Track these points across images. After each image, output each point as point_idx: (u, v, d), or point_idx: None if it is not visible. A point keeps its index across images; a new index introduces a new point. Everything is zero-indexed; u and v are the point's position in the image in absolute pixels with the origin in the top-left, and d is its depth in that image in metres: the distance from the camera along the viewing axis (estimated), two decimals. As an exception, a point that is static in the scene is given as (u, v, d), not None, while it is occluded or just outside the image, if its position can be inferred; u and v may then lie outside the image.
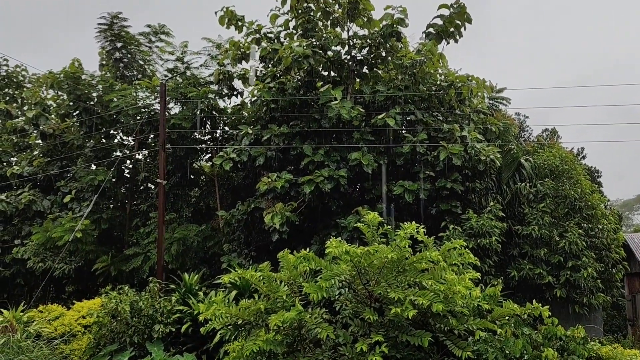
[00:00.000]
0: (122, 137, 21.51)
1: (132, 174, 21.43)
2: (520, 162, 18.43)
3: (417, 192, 15.95)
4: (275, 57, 17.75)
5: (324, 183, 15.58)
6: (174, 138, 19.29)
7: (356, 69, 18.37)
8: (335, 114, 15.97)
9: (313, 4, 17.91)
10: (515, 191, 17.98)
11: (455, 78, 17.73)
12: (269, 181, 15.87)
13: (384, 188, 16.58)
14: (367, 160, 15.93)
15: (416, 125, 17.06)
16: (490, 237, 15.30)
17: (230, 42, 18.88)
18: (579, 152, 30.32)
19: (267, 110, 17.93)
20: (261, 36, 18.81)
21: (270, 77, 18.10)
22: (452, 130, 16.46)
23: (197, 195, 21.64)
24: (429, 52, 17.21)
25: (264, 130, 17.15)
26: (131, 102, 19.32)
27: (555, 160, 18.06)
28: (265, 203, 16.10)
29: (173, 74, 21.39)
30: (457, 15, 17.53)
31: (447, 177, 16.23)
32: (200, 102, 19.40)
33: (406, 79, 17.51)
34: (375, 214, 10.44)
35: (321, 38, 17.64)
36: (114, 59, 21.62)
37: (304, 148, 16.53)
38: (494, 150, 16.44)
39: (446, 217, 16.23)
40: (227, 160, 16.63)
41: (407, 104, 17.29)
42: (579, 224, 16.94)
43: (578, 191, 17.30)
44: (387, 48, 17.80)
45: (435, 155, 16.14)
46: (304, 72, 17.52)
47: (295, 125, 17.26)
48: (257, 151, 16.76)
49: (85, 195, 19.50)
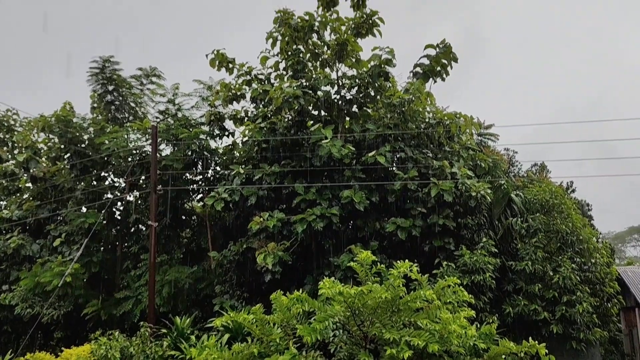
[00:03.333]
0: (113, 179, 21.45)
1: (123, 216, 21.28)
2: (511, 198, 18.54)
3: (410, 229, 15.95)
4: (266, 98, 18.01)
5: (316, 221, 15.55)
6: (166, 179, 19.27)
7: (346, 108, 18.61)
8: (326, 153, 16.09)
9: (302, 46, 18.29)
10: (507, 226, 18.02)
11: (443, 115, 18.01)
12: (260, 221, 15.81)
13: (377, 225, 16.58)
14: (358, 198, 15.97)
15: (406, 163, 17.20)
16: (484, 273, 15.23)
17: (221, 84, 19.14)
18: (568, 185, 30.56)
19: (258, 150, 18.06)
20: (252, 77, 19.11)
21: (261, 117, 18.30)
22: (442, 167, 16.60)
23: (189, 236, 21.47)
24: (416, 91, 17.52)
25: (256, 170, 17.22)
26: (122, 144, 19.37)
27: (545, 194, 18.18)
28: (257, 243, 15.99)
29: (164, 115, 21.54)
30: (444, 55, 17.96)
31: (439, 213, 16.27)
32: (192, 143, 19.48)
33: (395, 117, 17.75)
34: (368, 252, 10.40)
35: (311, 79, 17.94)
36: (105, 101, 21.75)
37: (296, 187, 16.57)
38: (485, 186, 16.55)
39: (439, 254, 16.19)
40: (219, 201, 16.60)
41: (397, 142, 17.49)
42: (571, 259, 16.92)
43: (569, 225, 17.36)
44: (375, 87, 18.10)
45: (427, 191, 16.22)
46: (294, 112, 17.72)
47: (286, 164, 17.34)
48: (248, 191, 16.76)
49: (76, 239, 19.29)
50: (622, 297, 18.43)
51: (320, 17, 18.17)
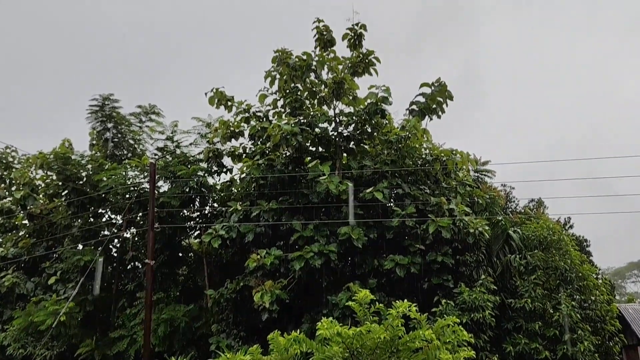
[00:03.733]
0: (111, 216, 21.39)
1: (119, 253, 21.13)
2: (509, 234, 18.50)
3: (408, 266, 15.85)
4: (264, 135, 18.14)
5: (314, 259, 15.46)
6: (163, 216, 19.22)
7: (343, 144, 18.75)
8: (324, 189, 16.12)
9: (300, 84, 18.56)
10: (506, 263, 17.92)
11: (439, 152, 18.15)
12: (258, 258, 15.71)
13: (375, 262, 16.48)
14: (356, 235, 15.92)
15: (404, 199, 17.23)
16: (483, 311, 15.07)
17: (219, 121, 19.32)
18: (565, 222, 30.54)
19: (256, 186, 18.09)
20: (250, 115, 19.31)
21: (259, 154, 18.42)
22: (440, 203, 16.62)
23: (186, 274, 21.27)
24: (413, 128, 17.69)
25: (253, 207, 17.20)
26: (120, 181, 19.40)
27: (543, 231, 18.17)
28: (254, 281, 15.85)
29: (163, 152, 21.66)
30: (439, 93, 18.21)
31: (437, 250, 16.22)
32: (190, 180, 19.51)
33: (392, 154, 17.88)
34: (367, 291, 10.28)
35: (309, 116, 18.13)
36: (104, 138, 21.91)
37: (294, 224, 16.53)
38: (482, 222, 16.55)
39: (438, 291, 16.05)
40: (216, 238, 16.53)
41: (395, 178, 17.57)
42: (571, 296, 16.79)
43: (568, 262, 17.29)
44: (372, 124, 18.29)
45: (425, 228, 16.19)
46: (292, 148, 17.84)
47: (284, 200, 17.35)
48: (246, 228, 16.71)
49: (71, 277, 19.09)
50: (623, 335, 18.18)
51: (318, 56, 18.51)
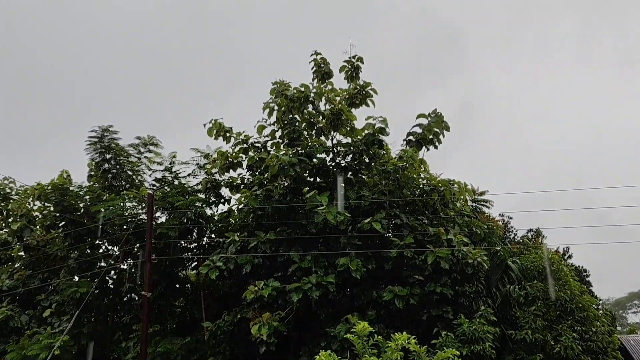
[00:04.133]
0: (107, 248, 21.27)
1: (115, 284, 20.93)
2: (508, 264, 18.44)
3: (407, 298, 15.73)
4: (262, 166, 18.22)
5: (312, 290, 15.34)
6: (160, 247, 19.12)
7: (341, 175, 18.81)
8: (322, 220, 16.10)
9: (298, 115, 18.75)
10: (505, 294, 17.81)
11: (437, 182, 18.22)
12: (255, 289, 15.58)
13: (374, 294, 16.35)
14: (355, 266, 15.84)
15: (402, 229, 17.21)
16: (483, 343, 14.88)
17: (218, 152, 19.43)
18: (564, 251, 30.47)
19: (254, 217, 18.09)
20: (248, 146, 19.44)
21: (257, 184, 18.47)
22: (438, 234, 16.60)
23: (182, 306, 21.03)
24: (410, 158, 17.79)
25: (251, 238, 17.15)
26: (118, 212, 19.36)
27: (542, 261, 18.11)
28: (251, 313, 15.70)
29: (161, 183, 21.70)
30: (435, 124, 18.41)
31: (436, 281, 16.11)
32: (188, 211, 19.49)
33: (390, 184, 17.94)
34: (365, 323, 10.19)
35: (306, 147, 18.26)
36: (102, 169, 21.95)
37: (292, 255, 16.46)
38: (481, 253, 16.50)
39: (438, 323, 15.87)
40: (214, 269, 16.42)
41: (392, 208, 17.58)
42: (572, 327, 16.62)
43: (568, 293, 17.18)
44: (370, 155, 18.40)
45: (423, 259, 16.13)
46: (290, 179, 17.89)
47: (282, 231, 17.31)
48: (243, 259, 16.62)
49: (66, 309, 18.83)
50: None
51: (316, 88, 18.76)
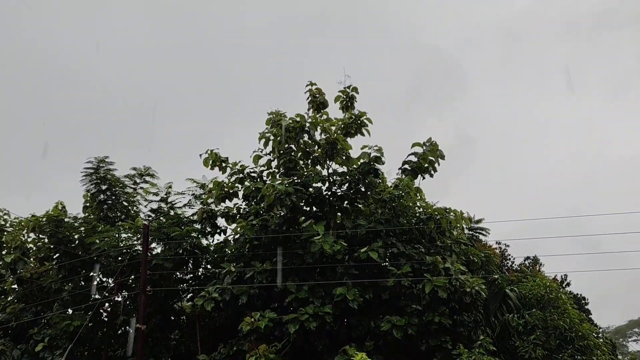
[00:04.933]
0: (102, 279, 21.04)
1: (110, 317, 20.63)
2: (506, 293, 18.34)
3: (406, 328, 15.57)
4: (258, 195, 18.20)
5: (309, 321, 15.19)
6: (155, 279, 18.95)
7: (337, 204, 18.81)
8: (318, 249, 16.04)
9: (294, 145, 18.85)
10: (504, 323, 17.67)
11: (433, 210, 18.22)
12: (252, 321, 15.41)
13: (371, 324, 16.18)
14: (352, 295, 15.71)
15: (399, 258, 17.13)
16: (483, 373, 14.69)
17: (214, 182, 19.43)
18: (562, 279, 30.33)
19: (250, 247, 18.01)
20: (244, 175, 19.48)
21: (253, 214, 18.43)
22: (435, 262, 16.52)
23: (177, 338, 20.69)
24: (406, 187, 17.86)
25: (247, 268, 17.04)
26: (113, 243, 19.23)
27: (540, 289, 18.03)
28: (248, 345, 15.48)
29: (157, 214, 21.62)
30: (430, 152, 18.54)
31: (435, 310, 15.97)
32: (183, 241, 19.38)
33: (386, 213, 17.94)
34: (363, 354, 10.12)
35: (302, 176, 18.30)
36: (98, 200, 21.88)
37: (288, 285, 16.33)
38: (479, 281, 16.41)
39: (437, 353, 15.70)
40: (209, 300, 16.28)
41: (389, 237, 17.53)
42: (572, 356, 16.46)
43: (567, 321, 17.06)
44: (366, 184, 18.42)
45: (421, 288, 16.03)
46: (286, 208, 17.85)
47: (278, 261, 17.19)
48: (239, 290, 16.48)
49: (59, 343, 18.49)
50: (628, 397, 17.69)
51: (311, 118, 18.90)
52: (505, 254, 27.74)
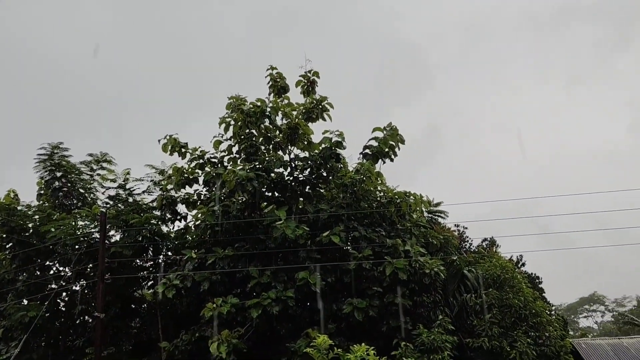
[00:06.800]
0: (59, 269, 20.50)
1: (67, 307, 20.17)
2: (464, 274, 18.83)
3: (367, 310, 15.82)
4: (218, 181, 18.05)
5: (271, 305, 15.25)
6: (115, 267, 18.58)
7: (299, 189, 18.85)
8: (281, 234, 16.07)
9: (255, 130, 18.71)
10: (462, 303, 18.16)
11: (394, 195, 18.47)
12: (214, 307, 15.34)
13: (334, 307, 16.37)
14: (314, 279, 15.83)
15: (360, 242, 17.32)
16: (442, 352, 15.10)
17: (173, 168, 19.14)
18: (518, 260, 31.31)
19: (211, 233, 17.85)
20: (205, 161, 19.24)
21: (214, 200, 18.25)
22: (396, 245, 16.79)
23: (139, 326, 20.43)
24: (367, 171, 18.02)
25: (209, 254, 16.91)
26: (70, 231, 18.72)
27: (497, 269, 18.57)
28: (210, 331, 15.42)
29: (115, 201, 21.15)
30: (391, 137, 18.72)
31: (395, 292, 16.27)
32: (143, 229, 19.06)
33: (348, 197, 18.07)
34: (325, 336, 10.21)
35: (264, 161, 18.22)
36: (52, 188, 21.22)
37: (250, 270, 16.31)
38: (438, 263, 16.79)
39: (397, 334, 16.00)
40: (170, 288, 16.10)
41: (351, 221, 17.70)
42: (526, 333, 17.07)
43: (521, 299, 17.67)
44: (327, 168, 18.51)
45: (382, 270, 16.27)
46: (247, 194, 17.77)
47: (240, 247, 17.15)
48: (201, 276, 16.36)
49: (14, 334, 18.00)
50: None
51: (272, 103, 18.80)
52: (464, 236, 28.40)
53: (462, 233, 28.09)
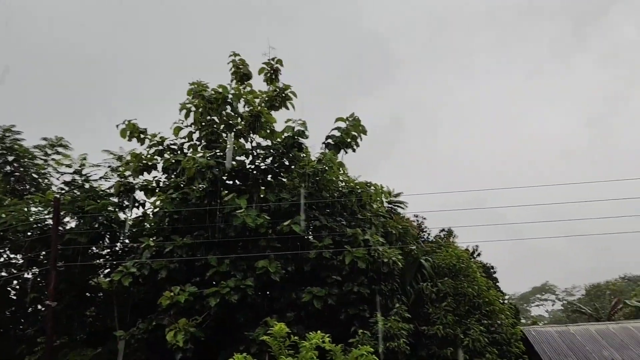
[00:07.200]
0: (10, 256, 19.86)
1: (19, 295, 19.59)
2: (421, 263, 19.19)
3: (326, 298, 15.96)
4: (178, 168, 17.79)
5: (230, 294, 15.20)
6: (69, 254, 18.11)
7: (260, 177, 18.78)
8: (241, 223, 15.99)
9: (216, 117, 18.49)
10: (419, 291, 18.53)
11: (355, 185, 18.64)
12: (171, 295, 15.18)
13: (293, 295, 16.44)
14: (274, 268, 15.84)
15: (321, 231, 17.43)
16: (398, 339, 15.40)
17: (131, 154, 18.73)
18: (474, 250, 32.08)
19: (170, 221, 17.61)
20: (164, 148, 18.90)
21: (173, 187, 18.00)
22: (356, 234, 16.96)
23: (94, 315, 20.03)
24: (329, 161, 18.07)
25: (167, 242, 16.69)
26: (22, 217, 18.14)
27: (453, 259, 19.02)
28: (167, 319, 15.26)
29: (70, 187, 20.58)
30: (353, 128, 18.82)
31: (354, 280, 16.46)
32: (99, 215, 18.63)
33: (309, 187, 18.10)
34: (282, 324, 10.23)
35: (225, 149, 18.03)
36: (4, 172, 20.51)
37: (209, 259, 16.19)
38: (396, 252, 17.06)
39: (355, 322, 16.22)
40: (127, 275, 15.82)
41: (312, 210, 17.76)
42: (479, 321, 17.58)
43: (475, 288, 18.17)
44: (289, 157, 18.47)
45: (341, 259, 16.43)
46: (207, 182, 17.59)
47: (199, 235, 16.98)
48: (159, 264, 16.14)
49: (-39, 324, 17.42)
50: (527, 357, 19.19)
51: (234, 90, 18.60)
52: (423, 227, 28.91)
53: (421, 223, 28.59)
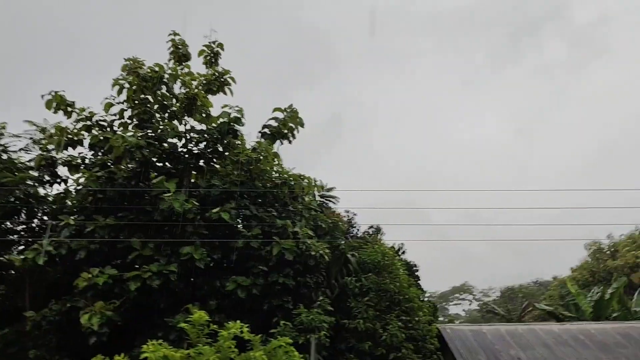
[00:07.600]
0: None
1: None
2: (347, 258, 19.54)
3: (250, 288, 15.92)
4: (106, 146, 17.10)
5: (152, 279, 14.84)
6: (-21, 228, 17.04)
7: (192, 162, 18.38)
8: (168, 207, 15.62)
9: (150, 96, 17.92)
10: (343, 285, 18.86)
11: (289, 176, 18.65)
12: (89, 277, 14.63)
13: (217, 284, 16.27)
14: (199, 255, 15.60)
15: (251, 221, 17.34)
16: (319, 331, 15.62)
17: (56, 127, 17.82)
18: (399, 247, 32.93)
19: (93, 200, 16.90)
20: (93, 123, 18.09)
21: (99, 165, 17.31)
22: (285, 226, 17.01)
23: (3, 294, 18.95)
24: (264, 151, 17.98)
25: (89, 222, 16.03)
26: None
27: (378, 255, 19.48)
28: (84, 302, 14.70)
29: (-15, 156, 19.27)
30: (291, 119, 18.81)
31: (280, 271, 16.52)
32: (16, 189, 17.60)
33: (242, 175, 17.95)
34: (202, 312, 10.14)
35: (157, 130, 17.54)
36: None
37: (132, 242, 15.72)
38: (324, 246, 17.27)
39: (278, 313, 16.30)
40: (42, 254, 15.06)
41: (243, 199, 17.62)
42: (398, 317, 18.14)
43: (397, 285, 18.72)
44: (224, 144, 18.22)
45: (269, 250, 16.43)
46: (136, 162, 17.04)
47: (123, 217, 16.43)
48: (78, 244, 15.49)
49: None
50: (441, 353, 19.98)
51: (171, 69, 18.10)
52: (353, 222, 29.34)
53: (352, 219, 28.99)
